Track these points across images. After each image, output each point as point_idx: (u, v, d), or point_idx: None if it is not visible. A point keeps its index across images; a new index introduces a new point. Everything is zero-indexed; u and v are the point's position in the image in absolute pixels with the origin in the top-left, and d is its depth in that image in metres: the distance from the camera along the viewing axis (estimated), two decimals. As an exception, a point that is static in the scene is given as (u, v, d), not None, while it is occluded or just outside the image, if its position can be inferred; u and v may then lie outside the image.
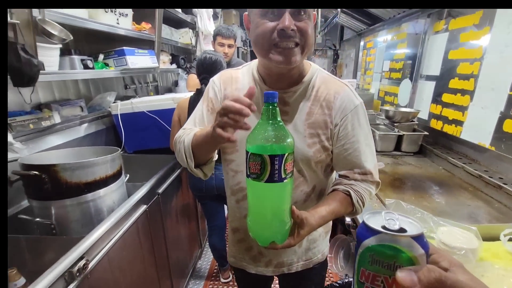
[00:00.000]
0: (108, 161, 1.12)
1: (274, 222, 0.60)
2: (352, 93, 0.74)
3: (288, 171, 0.55)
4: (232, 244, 0.94)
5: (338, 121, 0.72)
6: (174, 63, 2.61)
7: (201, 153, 0.72)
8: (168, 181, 1.45)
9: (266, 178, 0.54)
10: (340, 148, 0.74)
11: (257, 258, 0.88)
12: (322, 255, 0.92)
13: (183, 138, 0.74)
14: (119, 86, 2.11)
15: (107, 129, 1.80)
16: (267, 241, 0.62)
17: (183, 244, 1.73)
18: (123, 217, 1.05)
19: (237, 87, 0.78)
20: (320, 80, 0.75)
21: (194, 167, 0.73)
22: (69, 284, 0.77)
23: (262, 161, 0.53)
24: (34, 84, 1.04)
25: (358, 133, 0.73)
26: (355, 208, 0.73)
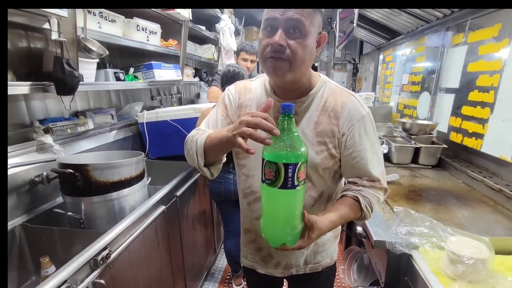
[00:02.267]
0: (133, 163, 1.23)
1: (286, 225, 0.64)
2: (359, 104, 0.77)
3: (301, 178, 0.59)
4: (243, 245, 0.98)
5: (346, 130, 0.75)
6: (197, 76, 2.77)
7: (212, 154, 0.75)
8: (186, 185, 1.54)
9: (280, 185, 0.58)
10: (348, 157, 0.77)
11: (267, 259, 0.91)
12: (331, 259, 0.94)
13: (196, 137, 0.77)
14: (146, 97, 2.28)
15: (133, 136, 1.94)
16: (278, 243, 0.66)
17: (198, 248, 1.79)
18: (144, 215, 1.14)
19: (250, 97, 0.84)
20: (328, 91, 0.79)
21: (204, 166, 0.77)
22: (94, 270, 0.85)
23: (277, 168, 0.57)
24: (74, 93, 1.18)
25: (365, 142, 0.76)
26: (364, 213, 0.76)
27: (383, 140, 1.95)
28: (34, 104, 1.35)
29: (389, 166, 1.77)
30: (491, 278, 0.77)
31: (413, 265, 0.89)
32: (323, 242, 0.91)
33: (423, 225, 0.91)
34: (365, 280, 1.46)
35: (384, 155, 1.82)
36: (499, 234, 1.03)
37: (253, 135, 0.58)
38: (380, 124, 2.63)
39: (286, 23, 0.66)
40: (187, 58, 2.56)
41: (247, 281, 1.13)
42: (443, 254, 0.86)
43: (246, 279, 1.13)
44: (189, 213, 1.62)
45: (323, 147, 0.76)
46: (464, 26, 1.73)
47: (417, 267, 0.87)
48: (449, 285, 0.77)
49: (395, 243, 0.92)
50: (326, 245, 0.92)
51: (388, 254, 0.98)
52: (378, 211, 1.19)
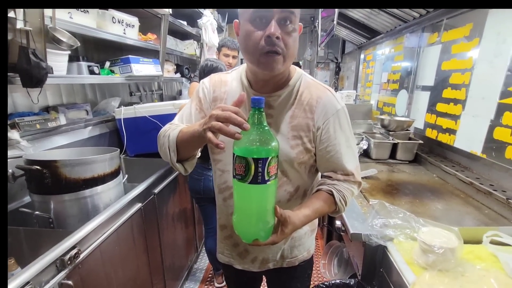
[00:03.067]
0: (106, 160, 1.18)
1: (257, 221, 0.63)
2: (334, 98, 0.77)
3: (272, 173, 0.58)
4: (220, 241, 0.97)
5: (321, 124, 0.75)
6: (178, 72, 2.71)
7: (185, 149, 0.74)
8: (164, 182, 1.50)
9: (250, 180, 0.57)
10: (323, 151, 0.77)
11: (243, 254, 0.91)
12: (307, 252, 0.95)
13: (168, 132, 0.75)
14: (124, 93, 2.21)
15: (110, 132, 1.87)
16: (251, 238, 0.65)
17: (178, 247, 1.75)
18: (118, 212, 1.10)
19: (225, 90, 0.82)
20: (304, 85, 0.78)
21: (176, 162, 0.74)
22: (60, 271, 0.81)
23: (246, 163, 0.56)
24: (41, 85, 1.12)
25: (340, 136, 0.76)
26: (338, 207, 0.76)
27: (362, 137, 1.99)
28: (-1, 97, 1.27)
29: (368, 162, 1.81)
30: (460, 267, 0.80)
31: (388, 257, 0.91)
32: (299, 236, 0.91)
33: (397, 217, 0.93)
34: (345, 273, 1.48)
35: (364, 151, 1.85)
36: (469, 224, 1.07)
37: (223, 130, 0.57)
38: (361, 121, 2.68)
39: (280, 14, 0.64)
40: (168, 53, 2.51)
41: (226, 278, 1.12)
42: (415, 245, 0.88)
43: (225, 276, 1.12)
44: (168, 211, 1.58)
45: (298, 141, 0.76)
46: (439, 26, 1.79)
47: (392, 258, 0.89)
48: (420, 274, 0.79)
49: (370, 235, 0.93)
50: (303, 239, 0.92)
51: (365, 247, 1.00)
52: (356, 205, 1.21)
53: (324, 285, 1.03)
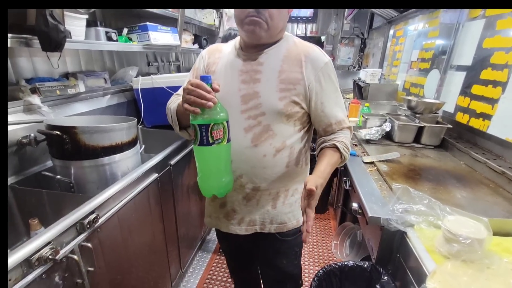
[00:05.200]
0: (124, 129, 1.18)
1: (212, 177, 0.76)
2: (321, 52, 0.83)
3: (216, 137, 0.69)
4: (208, 204, 1.01)
5: (312, 79, 0.81)
6: (196, 43, 2.63)
7: (183, 120, 0.86)
8: (180, 155, 1.50)
9: (198, 142, 0.69)
10: (317, 103, 0.83)
11: (231, 215, 0.94)
12: (297, 221, 0.96)
13: (170, 105, 0.89)
14: (142, 62, 2.18)
15: (128, 102, 1.87)
16: (210, 193, 0.79)
17: (192, 218, 1.79)
18: (135, 181, 1.11)
19: (219, 56, 0.90)
20: (291, 43, 0.84)
21: (179, 130, 0.88)
22: (80, 233, 0.83)
23: (194, 129, 0.69)
24: (60, 50, 1.10)
25: (329, 87, 0.83)
26: (343, 155, 0.83)
27: (386, 118, 1.89)
28: (21, 61, 1.27)
29: (389, 145, 1.73)
30: (487, 259, 0.75)
31: (407, 243, 0.88)
32: (290, 203, 0.93)
33: (421, 203, 0.88)
34: (357, 255, 1.48)
35: (386, 133, 1.76)
36: (498, 216, 1.01)
37: (196, 102, 0.67)
38: (385, 102, 2.55)
39: None
40: (186, 22, 2.42)
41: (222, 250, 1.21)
42: (438, 233, 0.84)
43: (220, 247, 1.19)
44: (183, 183, 1.59)
45: (286, 94, 0.81)
46: (485, -3, 1.60)
47: (411, 244, 0.86)
48: (442, 263, 0.75)
49: (390, 220, 0.90)
50: (293, 206, 0.94)
51: (382, 231, 0.97)
52: (375, 188, 1.16)
53: (337, 265, 1.02)
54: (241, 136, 0.83)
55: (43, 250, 0.69)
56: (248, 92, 0.82)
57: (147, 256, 1.24)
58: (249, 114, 0.82)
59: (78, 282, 0.80)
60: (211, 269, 1.87)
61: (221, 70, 0.87)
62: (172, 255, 1.49)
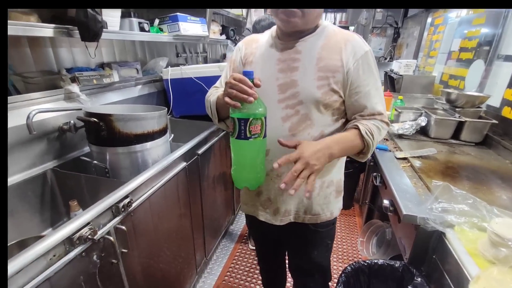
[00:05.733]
0: (155, 117, 1.21)
1: (245, 170, 0.77)
2: (361, 40, 0.80)
3: (254, 132, 0.69)
4: (245, 192, 1.01)
5: (351, 66, 0.77)
6: (223, 34, 2.63)
7: (222, 112, 0.87)
8: (208, 145, 1.52)
9: (235, 135, 0.70)
10: (352, 92, 0.79)
11: (266, 204, 0.94)
12: (330, 214, 0.95)
13: (209, 98, 0.90)
14: (171, 53, 2.22)
15: (158, 92, 1.92)
16: (242, 185, 0.81)
17: (217, 207, 1.82)
18: (165, 169, 1.14)
19: (256, 46, 0.90)
20: (331, 32, 0.81)
21: (218, 122, 0.90)
22: (115, 216, 0.87)
23: (233, 122, 0.70)
24: (97, 39, 1.14)
25: (368, 77, 0.79)
26: (365, 140, 0.78)
27: (421, 112, 1.78)
28: (61, 52, 1.34)
29: (424, 140, 1.63)
30: (539, 266, 0.69)
31: (446, 244, 0.82)
32: (325, 194, 0.91)
33: (464, 202, 0.82)
34: (385, 254, 1.42)
35: (421, 128, 1.66)
36: (551, 221, 0.92)
37: (238, 96, 0.67)
38: (419, 95, 2.40)
39: None
40: (214, 13, 2.42)
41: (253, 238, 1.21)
42: (482, 236, 0.78)
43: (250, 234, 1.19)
44: (210, 172, 1.62)
45: (325, 82, 0.78)
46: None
47: (450, 246, 0.80)
48: (487, 268, 0.70)
49: (427, 219, 0.85)
50: (328, 197, 0.92)
51: (417, 230, 0.91)
52: (410, 185, 1.10)
53: (366, 262, 0.99)
54: (278, 126, 0.82)
55: (83, 230, 0.73)
56: (286, 81, 0.81)
57: (175, 241, 1.28)
58: (287, 104, 0.81)
59: (113, 262, 0.85)
60: (234, 258, 1.90)
61: (258, 60, 0.87)
62: (197, 242, 1.53)
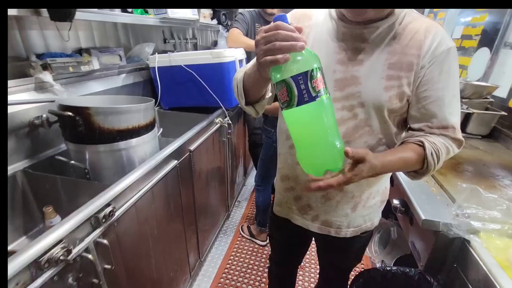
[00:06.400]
0: (141, 110, 1.07)
1: (322, 147, 0.55)
2: (446, 33, 0.62)
3: (318, 88, 0.51)
4: (279, 192, 0.89)
5: (426, 63, 0.61)
6: (214, 18, 2.46)
7: (252, 90, 0.68)
8: (200, 140, 1.39)
9: (296, 102, 0.51)
10: (420, 95, 0.63)
11: (305, 209, 0.82)
12: (371, 223, 0.84)
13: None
14: (158, 39, 2.04)
15: (144, 82, 1.76)
16: (321, 170, 0.57)
17: (211, 205, 1.71)
18: (154, 169, 1.01)
19: (309, 24, 0.71)
20: (409, 17, 0.63)
21: (245, 105, 0.71)
22: (95, 229, 0.74)
23: (287, 86, 0.51)
24: (70, 19, 0.98)
25: (446, 80, 0.62)
26: (428, 162, 0.62)
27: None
28: (31, 35, 1.16)
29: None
30: None
31: (470, 253, 0.74)
32: (370, 205, 0.80)
33: (496, 208, 0.73)
34: (390, 254, 1.36)
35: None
36: None
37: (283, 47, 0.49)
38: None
39: None
40: (205, -5, 2.24)
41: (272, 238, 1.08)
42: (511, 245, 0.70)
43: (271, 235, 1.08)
44: (203, 169, 1.50)
45: (395, 83, 0.62)
46: None
47: (477, 256, 0.72)
48: (524, 284, 0.62)
49: (451, 225, 0.76)
50: (372, 208, 0.81)
51: (437, 236, 0.83)
52: (423, 184, 1.01)
53: (378, 270, 0.90)
54: None
55: (54, 250, 0.61)
56: (345, 76, 0.65)
57: (166, 247, 1.17)
58: (344, 104, 0.66)
59: (94, 282, 0.73)
60: (230, 258, 1.81)
61: (311, 44, 0.69)
62: (190, 244, 1.43)
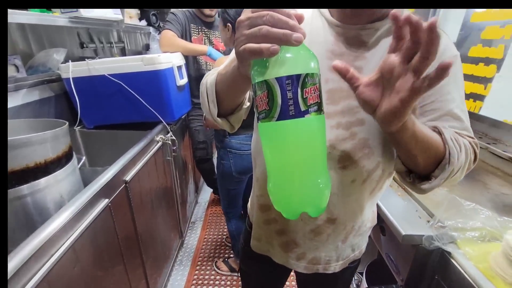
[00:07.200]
0: (47, 140, 0.79)
1: (301, 179, 0.39)
2: (450, 40, 0.55)
3: (311, 101, 0.36)
4: (258, 225, 0.73)
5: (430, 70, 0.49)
6: (143, 19, 2.17)
7: (227, 96, 0.53)
8: (139, 165, 1.14)
9: (277, 114, 0.35)
10: (426, 108, 0.53)
11: (289, 246, 0.68)
12: (359, 252, 0.75)
13: (206, 79, 0.56)
14: (73, 44, 1.68)
15: (56, 97, 1.41)
16: (297, 211, 0.42)
17: (161, 235, 1.46)
18: (74, 217, 0.75)
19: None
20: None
21: (218, 116, 0.55)
22: None
23: (268, 89, 0.35)
24: None
25: (453, 91, 0.53)
26: (449, 148, 0.46)
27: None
28: None
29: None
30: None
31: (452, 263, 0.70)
32: (361, 233, 0.70)
33: (477, 218, 0.70)
34: (358, 260, 1.32)
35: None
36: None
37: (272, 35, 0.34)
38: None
39: None
40: (129, -8, 1.94)
41: (244, 273, 0.90)
42: (490, 250, 0.68)
43: (243, 271, 0.89)
44: (146, 198, 1.25)
45: None
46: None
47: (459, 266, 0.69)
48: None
49: (433, 238, 0.71)
50: (362, 235, 0.71)
51: (416, 249, 0.78)
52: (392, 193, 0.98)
53: None
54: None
55: None
56: (340, 86, 0.54)
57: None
58: (339, 121, 0.55)
59: None
60: (188, 291, 1.58)
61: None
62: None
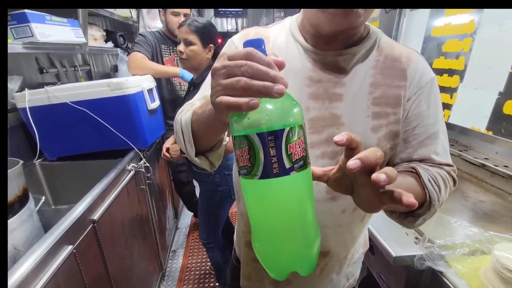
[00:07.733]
0: (-5, 186, 0.69)
1: (289, 239, 0.36)
2: (425, 62, 0.55)
3: (296, 156, 0.33)
4: (246, 263, 0.69)
5: (412, 94, 0.53)
6: (110, 41, 2.08)
7: (204, 136, 0.50)
8: (109, 200, 1.04)
9: (260, 172, 0.33)
10: (409, 133, 0.54)
11: (281, 284, 0.65)
12: (354, 280, 0.72)
13: (180, 116, 0.54)
14: (30, 69, 1.55)
15: (12, 129, 1.27)
16: (286, 271, 0.39)
17: (139, 271, 1.34)
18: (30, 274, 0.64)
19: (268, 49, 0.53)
20: (385, 43, 0.55)
21: (195, 156, 0.52)
22: None
23: (249, 145, 0.33)
24: None
25: (435, 114, 0.53)
26: (428, 191, 0.47)
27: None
28: None
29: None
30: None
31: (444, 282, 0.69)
32: (354, 261, 0.68)
33: (465, 234, 0.70)
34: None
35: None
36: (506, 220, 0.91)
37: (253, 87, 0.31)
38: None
39: None
40: (92, 14, 1.86)
41: None
42: (480, 266, 0.67)
43: None
44: (118, 234, 1.14)
45: (383, 121, 0.52)
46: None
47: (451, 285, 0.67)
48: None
49: (424, 258, 0.69)
50: (355, 262, 0.70)
51: (407, 270, 0.76)
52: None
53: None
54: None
55: None
56: (322, 114, 0.52)
57: None
58: (324, 150, 0.53)
59: None
60: (172, 330, 1.45)
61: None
62: None
